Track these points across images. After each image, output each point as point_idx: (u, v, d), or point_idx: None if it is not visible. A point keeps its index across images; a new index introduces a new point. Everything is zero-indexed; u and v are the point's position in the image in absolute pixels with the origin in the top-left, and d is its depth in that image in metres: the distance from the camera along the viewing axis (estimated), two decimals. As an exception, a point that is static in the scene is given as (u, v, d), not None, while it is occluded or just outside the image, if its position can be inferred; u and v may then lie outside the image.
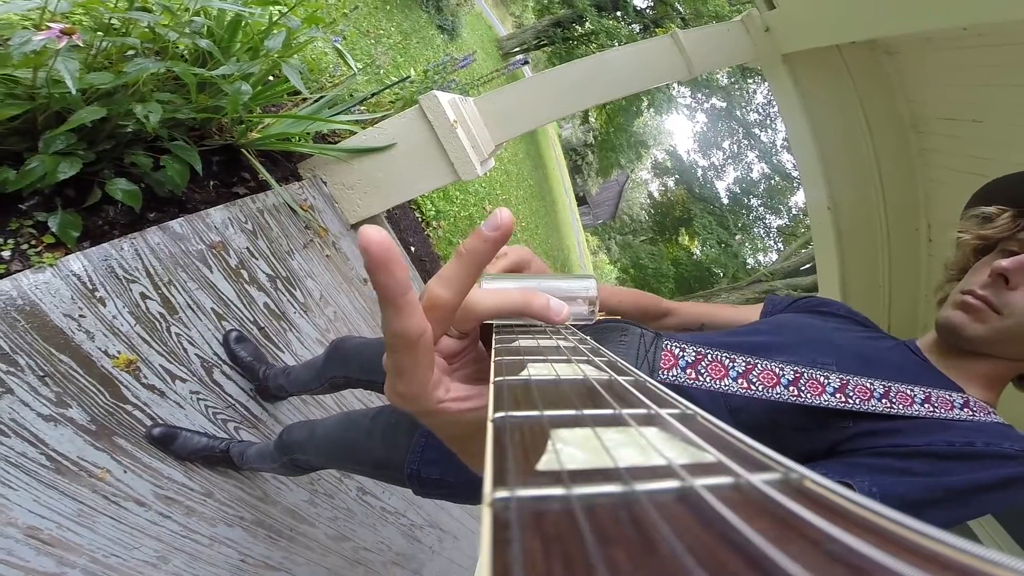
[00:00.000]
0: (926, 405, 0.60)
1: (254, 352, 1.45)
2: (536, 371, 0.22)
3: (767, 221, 19.63)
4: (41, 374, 1.04)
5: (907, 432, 0.58)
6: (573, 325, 0.39)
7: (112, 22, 0.98)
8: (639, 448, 0.14)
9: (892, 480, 0.53)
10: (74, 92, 0.85)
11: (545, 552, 0.09)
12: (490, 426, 0.16)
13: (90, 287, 1.14)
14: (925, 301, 2.25)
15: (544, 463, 0.13)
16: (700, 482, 0.11)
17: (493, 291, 0.33)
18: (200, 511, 1.28)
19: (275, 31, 1.18)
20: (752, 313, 0.93)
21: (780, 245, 18.40)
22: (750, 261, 18.82)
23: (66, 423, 1.06)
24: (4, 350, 1.00)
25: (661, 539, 0.09)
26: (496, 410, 0.17)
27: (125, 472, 1.15)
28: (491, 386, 0.21)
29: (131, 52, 1.01)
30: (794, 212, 18.41)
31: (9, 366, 1.00)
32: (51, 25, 0.80)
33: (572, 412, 0.16)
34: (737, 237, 19.21)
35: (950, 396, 0.61)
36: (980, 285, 0.65)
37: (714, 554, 0.09)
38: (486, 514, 0.11)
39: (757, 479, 0.11)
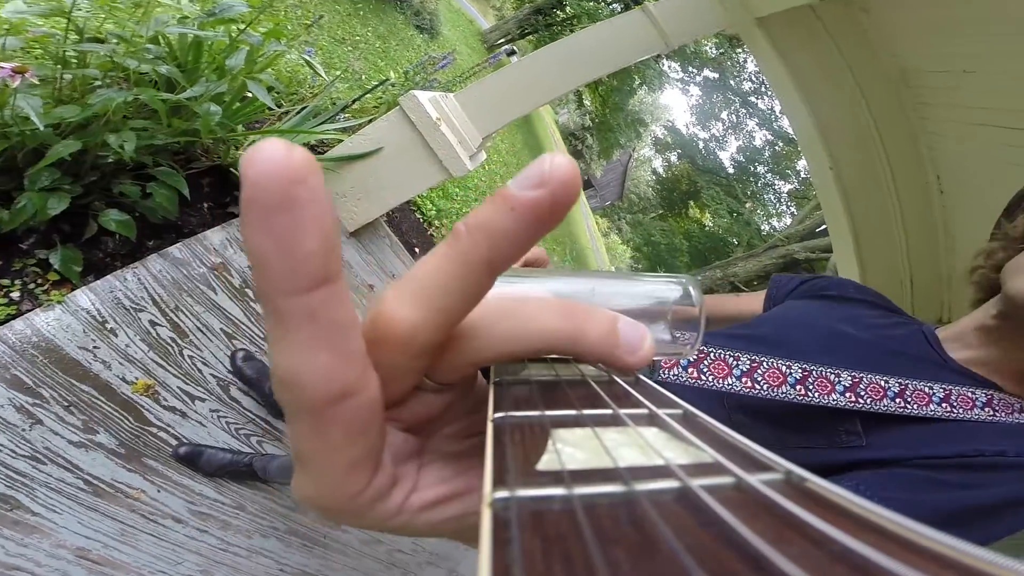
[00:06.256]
0: (944, 405, 0.55)
1: (261, 369, 1.48)
2: (535, 371, 0.20)
3: (776, 187, 19.31)
4: (66, 404, 1.09)
5: (932, 441, 0.54)
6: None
7: (67, 55, 1.00)
8: (639, 448, 0.13)
9: (924, 497, 0.49)
10: (42, 127, 0.87)
11: (545, 552, 0.09)
12: (490, 426, 0.15)
13: (100, 319, 1.18)
14: (946, 253, 2.20)
15: (544, 463, 0.13)
16: (700, 482, 0.11)
17: (508, 303, 0.19)
18: (235, 524, 1.33)
19: (238, 48, 1.20)
20: (756, 301, 0.87)
21: (793, 209, 18.09)
22: (764, 227, 18.53)
23: (96, 448, 1.12)
24: (28, 385, 1.05)
25: (661, 539, 0.09)
26: (496, 410, 0.16)
27: (159, 491, 1.20)
28: (491, 387, 0.18)
29: (97, 83, 1.04)
30: (803, 175, 18.06)
31: (35, 399, 1.05)
32: (2, 65, 0.83)
33: (572, 412, 0.16)
34: (747, 205, 18.93)
35: (972, 394, 0.56)
36: None
37: (714, 554, 0.09)
38: (486, 514, 0.11)
39: (757, 479, 0.11)
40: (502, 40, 11.67)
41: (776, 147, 18.35)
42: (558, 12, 11.75)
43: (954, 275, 2.18)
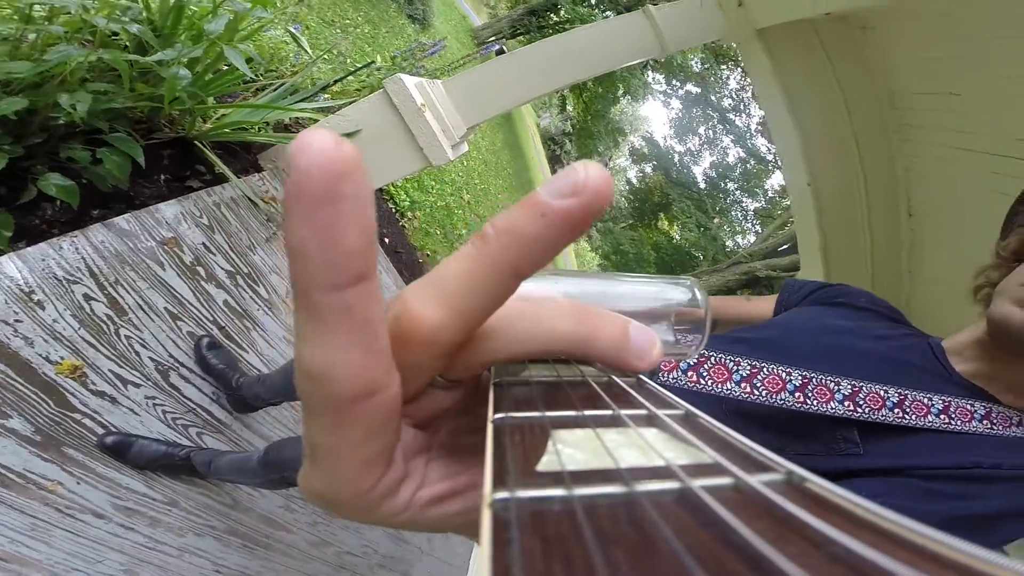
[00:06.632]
0: (942, 416, 0.56)
1: (227, 360, 1.37)
2: (535, 371, 0.20)
3: (744, 204, 19.90)
4: (-27, 385, 0.97)
5: (929, 452, 0.55)
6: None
7: (34, 12, 0.91)
8: (639, 449, 0.13)
9: (920, 507, 0.50)
10: (-16, 82, 0.77)
11: (545, 552, 0.09)
12: (490, 427, 0.15)
13: (26, 290, 1.05)
14: (908, 276, 2.27)
15: (544, 464, 0.13)
16: (700, 483, 0.11)
17: (524, 304, 0.19)
18: (166, 521, 1.22)
19: (220, 14, 1.11)
20: (767, 305, 0.87)
21: (758, 227, 18.65)
22: (729, 243, 19.06)
23: (7, 434, 1.00)
24: (-71, 361, 0.92)
25: (661, 540, 0.09)
26: (496, 411, 0.16)
27: (79, 484, 1.08)
28: (491, 388, 0.18)
29: (60, 42, 0.94)
30: (770, 195, 18.69)
31: (-64, 377, 0.93)
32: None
33: (572, 413, 0.16)
34: (715, 220, 19.45)
35: (971, 407, 0.57)
36: None
37: (714, 555, 0.09)
38: (486, 515, 0.10)
39: (757, 480, 0.11)
40: (493, 38, 11.62)
41: (748, 165, 18.90)
42: (552, 15, 11.79)
43: (912, 298, 2.24)
